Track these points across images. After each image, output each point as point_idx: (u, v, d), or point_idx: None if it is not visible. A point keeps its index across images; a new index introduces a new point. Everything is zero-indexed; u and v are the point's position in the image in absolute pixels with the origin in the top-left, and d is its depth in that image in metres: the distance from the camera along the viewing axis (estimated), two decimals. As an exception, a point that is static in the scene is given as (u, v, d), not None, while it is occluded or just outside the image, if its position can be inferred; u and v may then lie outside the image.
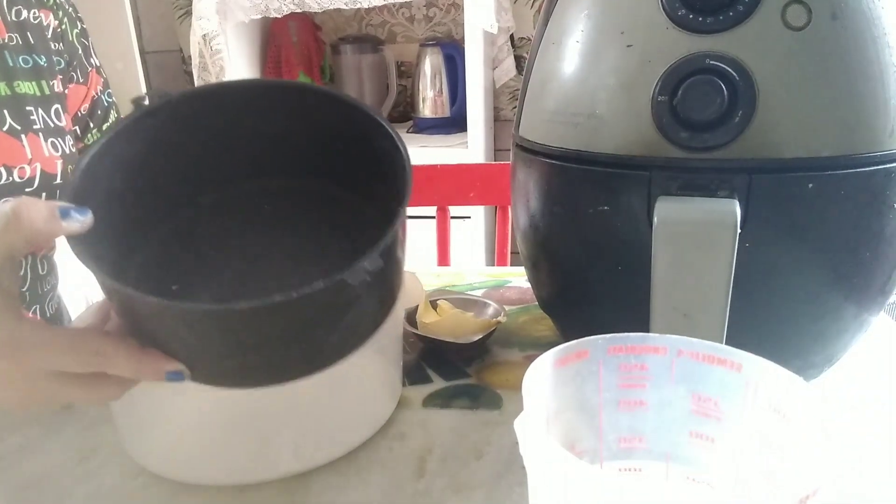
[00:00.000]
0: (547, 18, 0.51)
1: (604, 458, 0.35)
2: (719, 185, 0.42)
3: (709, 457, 0.33)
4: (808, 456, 0.28)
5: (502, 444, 0.48)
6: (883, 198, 0.43)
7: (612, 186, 0.46)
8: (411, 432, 0.50)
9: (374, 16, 2.07)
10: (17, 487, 0.45)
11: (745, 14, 0.41)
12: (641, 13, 0.44)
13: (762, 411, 0.31)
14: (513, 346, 0.63)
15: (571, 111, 0.47)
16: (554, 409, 0.32)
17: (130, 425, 0.47)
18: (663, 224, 0.41)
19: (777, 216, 0.43)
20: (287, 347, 0.36)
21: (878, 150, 0.42)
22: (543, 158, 0.50)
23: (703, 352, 0.32)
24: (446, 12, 2.01)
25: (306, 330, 0.35)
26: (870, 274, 0.46)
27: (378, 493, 0.43)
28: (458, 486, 0.44)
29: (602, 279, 0.50)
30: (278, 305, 0.32)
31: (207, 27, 1.71)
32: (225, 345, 0.35)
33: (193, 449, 0.45)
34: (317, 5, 1.68)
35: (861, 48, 0.41)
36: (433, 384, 0.57)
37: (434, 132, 1.90)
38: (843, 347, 0.50)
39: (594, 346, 0.33)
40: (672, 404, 0.34)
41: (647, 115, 0.43)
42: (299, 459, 0.45)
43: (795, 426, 0.29)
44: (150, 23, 2.22)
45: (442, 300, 0.65)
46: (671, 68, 0.42)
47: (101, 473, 0.47)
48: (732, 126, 0.41)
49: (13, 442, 0.51)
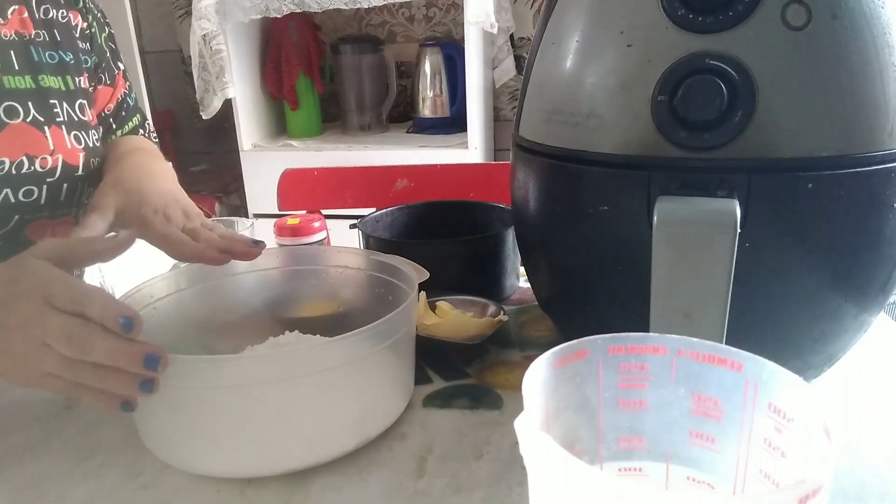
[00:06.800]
0: (546, 18, 0.51)
1: (604, 458, 0.35)
2: (719, 184, 0.42)
3: (709, 457, 0.33)
4: (808, 456, 0.28)
5: (502, 444, 0.48)
6: (883, 198, 0.43)
7: (611, 186, 0.46)
8: (411, 432, 0.50)
9: (373, 16, 2.07)
10: (17, 487, 0.45)
11: (745, 14, 0.41)
12: (641, 13, 0.44)
13: (762, 411, 0.31)
14: (513, 346, 0.63)
15: (571, 111, 0.47)
16: (554, 409, 0.32)
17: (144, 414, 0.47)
18: (663, 224, 0.41)
19: (777, 216, 0.43)
20: None
21: (877, 150, 0.42)
22: (543, 158, 0.50)
23: (703, 352, 0.32)
24: (446, 12, 2.01)
25: None
26: (870, 274, 0.46)
27: (378, 493, 0.43)
28: (458, 486, 0.44)
29: (602, 279, 0.50)
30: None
31: (207, 27, 1.71)
32: None
33: (206, 439, 0.46)
34: (317, 5, 1.68)
35: (861, 48, 0.41)
36: (433, 384, 0.57)
37: (434, 132, 1.90)
38: (843, 347, 0.50)
39: (594, 346, 0.33)
40: (672, 404, 0.34)
41: (646, 114, 0.43)
42: (311, 453, 0.46)
43: (795, 426, 0.29)
44: (150, 23, 2.22)
45: (441, 301, 0.65)
46: (671, 68, 0.42)
47: (101, 473, 0.47)
48: (732, 126, 0.41)
49: (13, 442, 0.51)
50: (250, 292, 0.62)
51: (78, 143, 0.70)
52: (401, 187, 1.12)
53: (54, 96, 0.69)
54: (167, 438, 0.47)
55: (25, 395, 0.58)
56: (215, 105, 1.83)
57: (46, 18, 0.71)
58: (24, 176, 0.65)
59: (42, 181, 0.67)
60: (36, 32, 0.69)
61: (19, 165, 0.64)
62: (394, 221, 0.83)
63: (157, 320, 0.54)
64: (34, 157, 0.66)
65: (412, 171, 1.12)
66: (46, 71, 0.69)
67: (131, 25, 1.92)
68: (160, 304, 0.55)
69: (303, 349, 0.52)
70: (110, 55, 0.81)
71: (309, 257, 0.63)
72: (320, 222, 0.80)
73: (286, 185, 1.14)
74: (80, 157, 0.70)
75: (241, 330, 0.60)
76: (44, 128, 0.67)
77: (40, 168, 0.66)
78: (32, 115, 0.67)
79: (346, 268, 0.61)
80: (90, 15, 0.77)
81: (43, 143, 0.67)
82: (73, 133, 0.70)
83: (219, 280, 0.60)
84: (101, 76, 0.79)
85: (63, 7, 0.73)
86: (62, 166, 0.68)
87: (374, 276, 0.59)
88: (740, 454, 0.32)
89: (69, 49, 0.72)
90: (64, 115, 0.70)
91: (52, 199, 0.68)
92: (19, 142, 0.65)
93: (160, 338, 0.51)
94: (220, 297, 0.60)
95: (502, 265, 0.73)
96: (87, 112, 0.74)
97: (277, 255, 0.63)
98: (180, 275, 0.58)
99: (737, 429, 0.32)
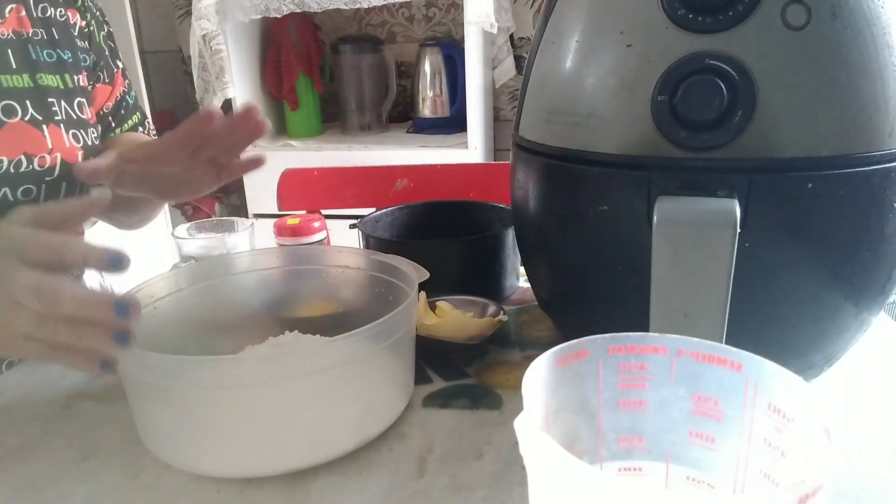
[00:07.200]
0: (546, 18, 0.51)
1: (603, 458, 0.35)
2: (719, 184, 0.42)
3: (709, 457, 0.33)
4: (808, 456, 0.28)
5: (502, 444, 0.48)
6: (882, 197, 0.43)
7: (611, 186, 0.46)
8: (411, 432, 0.50)
9: (373, 16, 2.07)
10: (17, 487, 0.45)
11: (744, 14, 0.41)
12: (641, 13, 0.44)
13: (762, 411, 0.31)
14: (513, 346, 0.63)
15: (571, 111, 0.47)
16: (554, 409, 0.32)
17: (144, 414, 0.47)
18: (663, 224, 0.41)
19: (777, 216, 0.43)
20: None
21: (877, 150, 0.42)
22: (543, 158, 0.50)
23: (703, 352, 0.32)
24: (446, 12, 2.01)
25: None
26: (869, 274, 0.46)
27: (378, 493, 0.43)
28: (458, 486, 0.44)
29: (602, 279, 0.50)
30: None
31: (207, 27, 1.71)
32: None
33: (206, 439, 0.46)
34: (317, 5, 1.68)
35: (861, 48, 0.41)
36: (433, 384, 0.57)
37: (434, 132, 1.90)
38: (843, 347, 0.50)
39: (594, 346, 0.33)
40: (672, 404, 0.34)
41: (646, 114, 0.43)
42: (311, 453, 0.46)
43: (795, 426, 0.29)
44: (150, 23, 2.22)
45: (441, 301, 0.65)
46: (671, 68, 0.42)
47: (101, 473, 0.47)
48: (732, 126, 0.41)
49: (13, 442, 0.51)
50: (250, 292, 0.62)
51: (76, 142, 0.70)
52: (401, 187, 1.11)
53: (52, 95, 0.69)
54: (167, 438, 0.47)
55: (25, 395, 0.58)
56: (215, 105, 1.83)
57: (44, 17, 0.71)
58: (23, 175, 0.65)
59: (41, 180, 0.67)
60: (34, 31, 0.69)
61: (18, 164, 0.64)
62: (394, 221, 0.83)
63: (157, 320, 0.54)
64: (32, 156, 0.66)
65: (412, 171, 1.12)
66: (44, 69, 0.69)
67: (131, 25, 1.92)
68: (160, 304, 0.55)
69: (303, 349, 0.52)
70: (109, 53, 0.81)
71: (309, 257, 0.63)
72: (320, 222, 0.80)
73: (286, 185, 1.14)
74: (79, 155, 0.70)
75: (241, 330, 0.60)
76: (42, 126, 0.67)
77: (39, 167, 0.66)
78: (30, 114, 0.67)
79: (346, 268, 0.61)
80: (88, 13, 0.77)
81: (41, 142, 0.67)
82: (72, 132, 0.70)
83: (219, 280, 0.60)
84: (100, 74, 0.79)
85: (61, 5, 0.73)
86: (61, 165, 0.68)
87: (374, 276, 0.59)
88: (740, 454, 0.32)
89: (67, 47, 0.72)
90: (62, 114, 0.70)
91: (50, 198, 0.68)
92: (17, 141, 0.65)
93: (160, 338, 0.51)
94: (220, 297, 0.60)
95: (502, 265, 0.73)
96: (86, 110, 0.74)
97: (277, 255, 0.63)
98: (180, 275, 0.58)
99: (737, 429, 0.32)
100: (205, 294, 0.59)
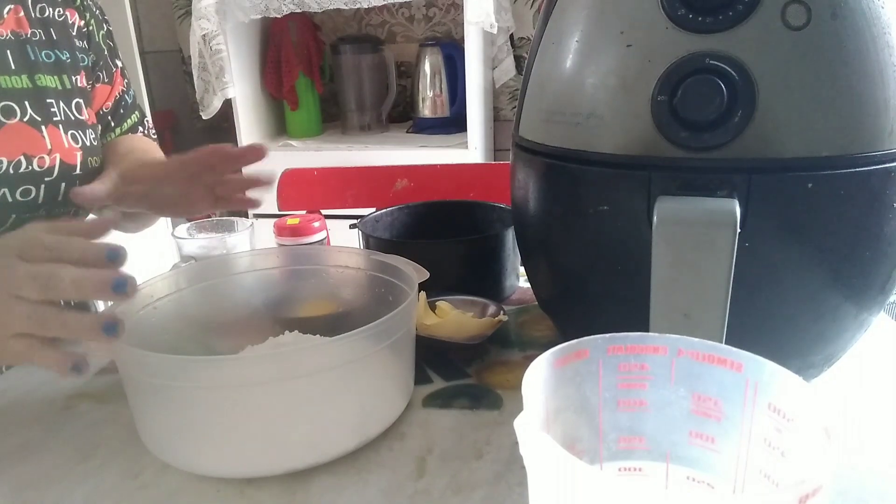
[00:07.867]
0: (546, 18, 0.51)
1: (604, 458, 0.35)
2: (719, 184, 0.42)
3: (709, 457, 0.33)
4: (808, 456, 0.28)
5: (502, 444, 0.48)
6: (882, 197, 0.43)
7: (611, 186, 0.46)
8: (411, 432, 0.50)
9: (373, 16, 2.07)
10: (17, 487, 0.45)
11: (744, 14, 0.41)
12: (641, 13, 0.44)
13: (762, 411, 0.31)
14: (513, 346, 0.63)
15: (571, 111, 0.47)
16: (554, 409, 0.32)
17: (144, 414, 0.47)
18: (663, 224, 0.41)
19: (776, 216, 0.43)
20: None
21: (877, 150, 0.42)
22: (543, 158, 0.50)
23: (703, 352, 0.32)
24: (446, 12, 2.01)
25: None
26: (869, 274, 0.46)
27: (378, 493, 0.43)
28: (458, 486, 0.44)
29: (602, 279, 0.50)
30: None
31: (207, 27, 1.71)
32: None
33: (206, 439, 0.46)
34: (317, 5, 1.68)
35: (861, 48, 0.41)
36: (433, 384, 0.57)
37: (434, 132, 1.90)
38: (843, 347, 0.50)
39: (594, 346, 0.33)
40: (672, 404, 0.34)
41: (646, 114, 0.43)
42: (311, 453, 0.46)
43: (795, 426, 0.29)
44: (150, 23, 2.22)
45: (441, 301, 0.65)
46: (671, 68, 0.42)
47: (101, 473, 0.47)
48: (732, 126, 0.41)
49: (13, 442, 0.51)
50: (250, 292, 0.62)
51: (75, 143, 0.70)
52: (401, 187, 1.11)
53: (51, 96, 0.69)
54: (167, 438, 0.47)
55: (25, 396, 0.58)
56: (215, 105, 1.82)
57: (43, 17, 0.71)
58: (22, 175, 0.65)
59: (40, 180, 0.67)
60: (32, 31, 0.69)
61: (17, 165, 0.64)
62: (394, 221, 0.83)
63: (157, 320, 0.54)
64: (32, 157, 0.66)
65: (412, 171, 1.12)
66: (43, 70, 0.69)
67: (131, 25, 1.92)
68: (160, 304, 0.55)
69: (303, 349, 0.52)
70: (108, 53, 0.81)
71: (309, 257, 0.63)
72: (320, 222, 0.80)
73: (286, 185, 1.14)
74: (78, 156, 0.70)
75: (241, 330, 0.60)
76: (41, 127, 0.67)
77: (38, 167, 0.66)
78: (29, 115, 0.67)
79: (346, 268, 0.61)
80: (87, 12, 0.77)
81: (40, 143, 0.67)
82: (71, 132, 0.70)
83: (219, 280, 0.60)
84: (99, 74, 0.79)
85: (60, 5, 0.73)
86: (60, 165, 0.68)
87: (374, 276, 0.59)
88: (740, 454, 0.32)
89: (66, 48, 0.72)
90: (61, 115, 0.70)
91: (49, 199, 0.68)
92: (16, 141, 0.65)
93: (160, 338, 0.51)
94: (220, 297, 0.60)
95: (502, 265, 0.73)
96: (85, 111, 0.74)
97: (277, 255, 0.63)
98: (180, 274, 0.58)
99: (737, 429, 0.32)
100: (205, 294, 0.59)
